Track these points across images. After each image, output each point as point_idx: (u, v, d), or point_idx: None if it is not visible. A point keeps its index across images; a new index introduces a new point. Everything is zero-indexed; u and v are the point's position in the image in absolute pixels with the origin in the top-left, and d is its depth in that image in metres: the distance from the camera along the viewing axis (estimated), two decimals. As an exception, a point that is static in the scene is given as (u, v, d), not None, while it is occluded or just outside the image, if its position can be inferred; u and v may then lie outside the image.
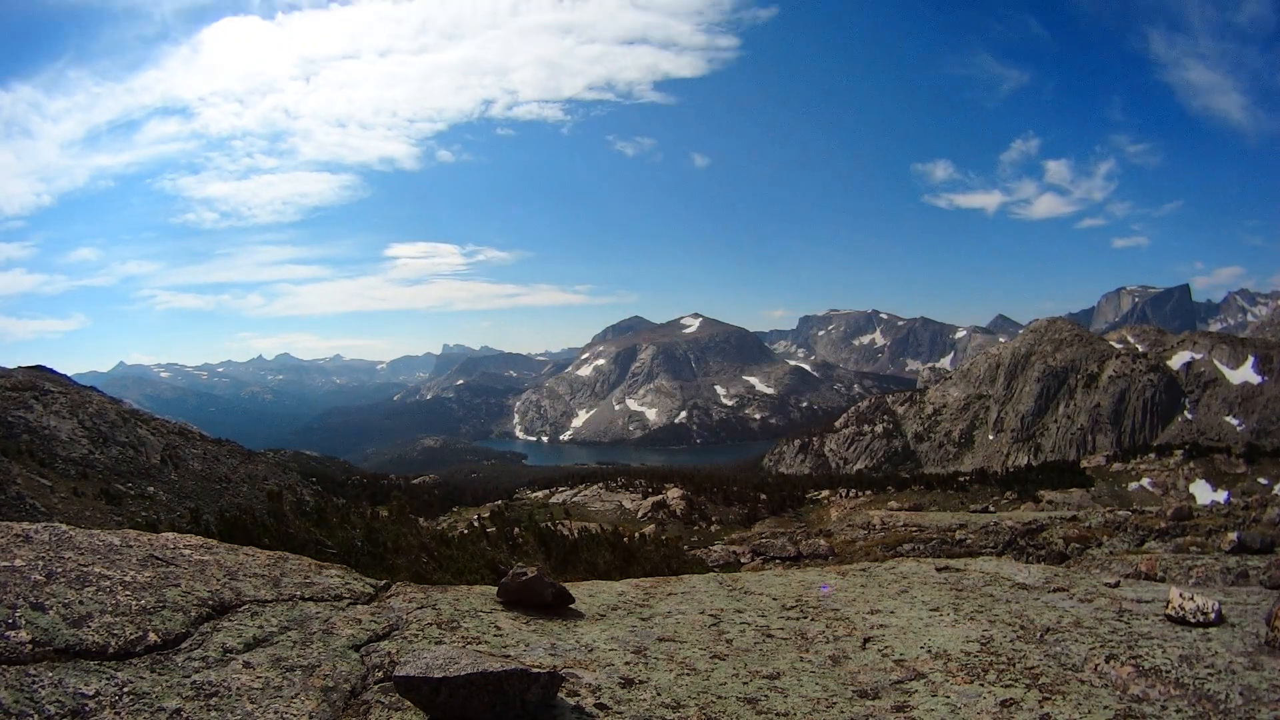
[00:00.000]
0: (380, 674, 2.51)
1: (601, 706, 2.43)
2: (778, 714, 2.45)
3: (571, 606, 3.55)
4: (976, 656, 2.97)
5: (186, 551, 3.40)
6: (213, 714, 2.05)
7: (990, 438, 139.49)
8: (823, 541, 16.09)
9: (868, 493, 56.28)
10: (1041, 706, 2.49)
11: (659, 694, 2.56)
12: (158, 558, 3.17)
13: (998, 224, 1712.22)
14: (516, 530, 14.37)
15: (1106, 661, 2.84)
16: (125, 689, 2.07)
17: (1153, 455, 65.19)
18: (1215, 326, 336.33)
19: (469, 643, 2.93)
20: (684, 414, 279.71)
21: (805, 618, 3.57)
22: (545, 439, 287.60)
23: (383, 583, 3.65)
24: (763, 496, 57.74)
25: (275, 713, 2.13)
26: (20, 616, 2.25)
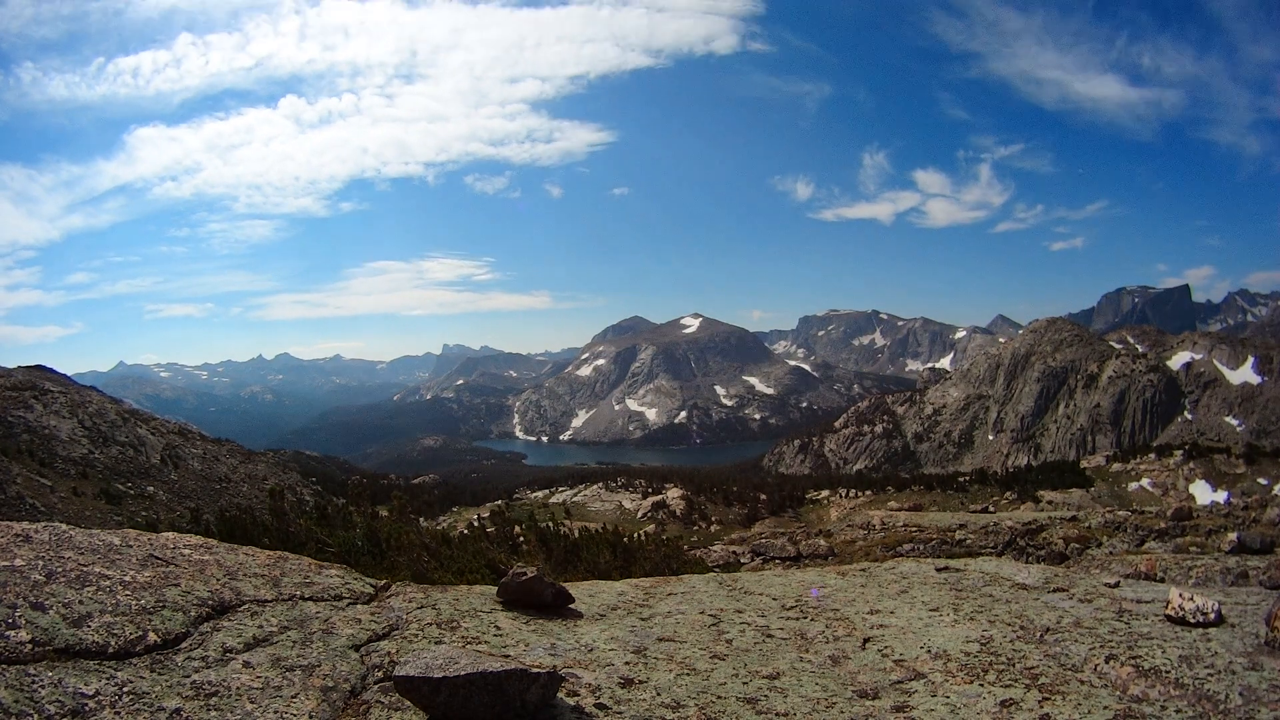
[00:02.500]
0: (380, 674, 2.51)
1: (601, 706, 2.43)
2: (778, 714, 2.45)
3: (571, 606, 3.56)
4: (976, 656, 2.97)
5: (186, 551, 3.40)
6: (213, 714, 2.05)
7: (990, 438, 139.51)
8: (823, 541, 16.09)
9: (868, 493, 56.29)
10: (1041, 707, 2.49)
11: (659, 694, 2.56)
12: (158, 558, 3.17)
13: (902, 233, 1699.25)
14: (517, 530, 14.37)
15: (1106, 662, 2.84)
16: (125, 689, 2.07)
17: (1153, 455, 65.19)
18: (1215, 327, 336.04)
19: (469, 643, 2.93)
20: (684, 414, 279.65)
21: (805, 618, 3.57)
22: (545, 439, 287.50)
23: (382, 582, 3.66)
24: (763, 496, 57.75)
25: (275, 713, 2.13)
26: (20, 616, 2.25)
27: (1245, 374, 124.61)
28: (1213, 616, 3.21)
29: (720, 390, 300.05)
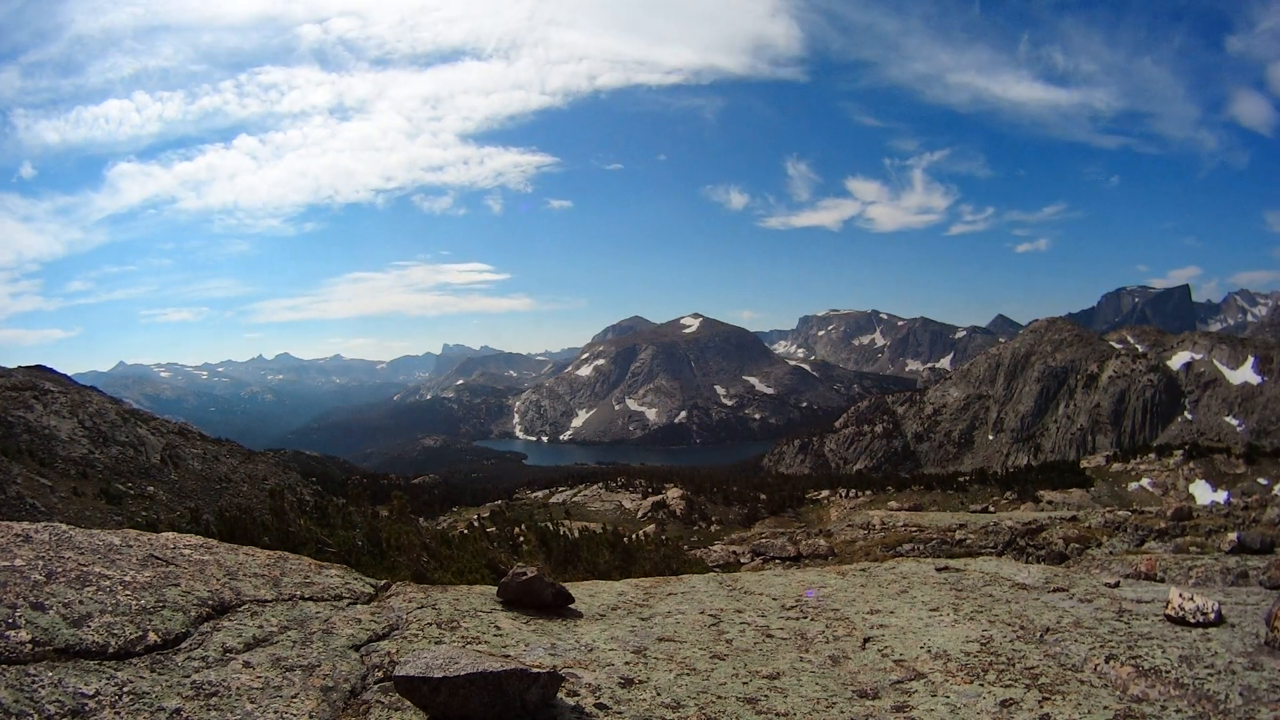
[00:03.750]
0: (380, 674, 2.51)
1: (601, 706, 2.43)
2: (778, 714, 2.45)
3: (571, 606, 3.56)
4: (976, 656, 2.97)
5: (186, 551, 3.40)
6: (213, 714, 2.05)
7: (990, 438, 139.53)
8: (823, 541, 16.09)
9: (868, 493, 56.26)
10: (1041, 706, 2.49)
11: (659, 694, 2.56)
12: (158, 557, 3.17)
13: (854, 238, 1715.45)
14: (517, 530, 14.37)
15: (1106, 661, 2.84)
16: (125, 689, 2.07)
17: (1153, 455, 65.15)
18: (1215, 327, 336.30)
19: (469, 643, 2.93)
20: (684, 414, 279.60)
21: (805, 618, 3.57)
22: (545, 439, 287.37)
23: (383, 582, 3.66)
24: (763, 496, 57.74)
25: (275, 713, 2.13)
26: (20, 616, 2.25)
27: (1245, 374, 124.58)
28: (1213, 616, 3.21)
29: (720, 390, 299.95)
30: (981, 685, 2.69)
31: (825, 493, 58.11)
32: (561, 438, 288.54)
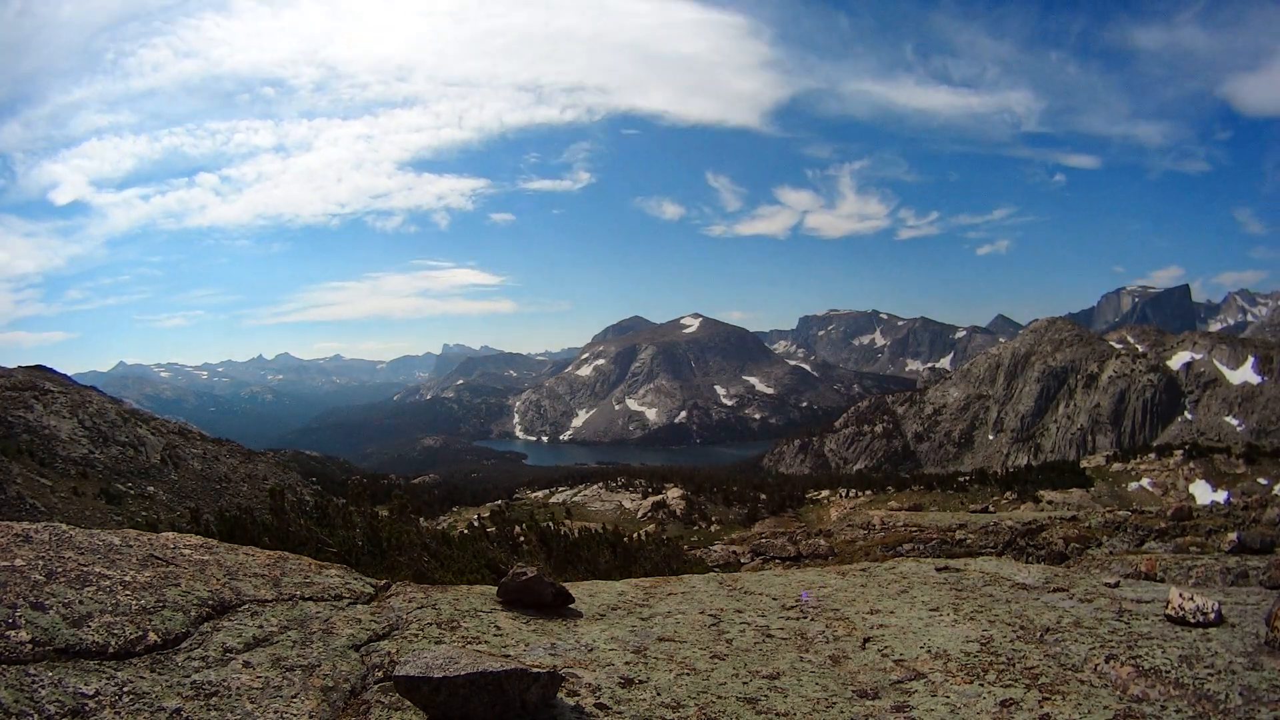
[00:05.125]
0: (380, 674, 2.51)
1: (601, 706, 2.43)
2: (778, 714, 2.45)
3: (571, 606, 3.56)
4: (976, 656, 2.97)
5: (186, 551, 3.40)
6: (213, 714, 2.05)
7: (990, 438, 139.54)
8: (823, 541, 16.08)
9: (868, 493, 56.31)
10: (1041, 706, 2.49)
11: (659, 694, 2.56)
12: (158, 557, 3.17)
13: (805, 246, 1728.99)
14: (517, 530, 14.37)
15: (1106, 661, 2.84)
16: (125, 689, 2.07)
17: (1153, 455, 65.13)
18: (1215, 327, 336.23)
19: (469, 642, 2.93)
20: (684, 414, 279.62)
21: (805, 618, 3.57)
22: (545, 439, 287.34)
23: (383, 582, 3.66)
24: (763, 496, 57.75)
25: (275, 712, 2.13)
26: (20, 616, 2.25)
27: (1245, 374, 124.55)
28: (1213, 616, 3.21)
29: (720, 390, 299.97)
30: (981, 685, 2.69)
31: (825, 493, 58.15)
32: (561, 438, 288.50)
